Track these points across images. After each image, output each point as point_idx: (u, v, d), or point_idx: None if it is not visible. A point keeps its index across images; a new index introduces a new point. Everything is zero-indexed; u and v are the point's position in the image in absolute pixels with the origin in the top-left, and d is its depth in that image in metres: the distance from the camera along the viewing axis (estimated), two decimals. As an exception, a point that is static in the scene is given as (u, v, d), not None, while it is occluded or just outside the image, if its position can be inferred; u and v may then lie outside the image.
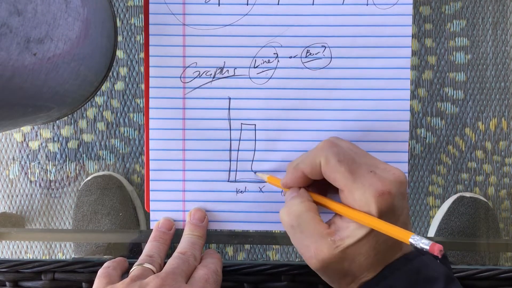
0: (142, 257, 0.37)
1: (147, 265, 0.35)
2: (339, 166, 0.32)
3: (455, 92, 0.68)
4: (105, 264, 0.36)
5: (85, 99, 0.43)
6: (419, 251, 0.32)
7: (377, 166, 0.33)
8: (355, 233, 0.32)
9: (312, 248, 0.32)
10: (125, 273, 0.36)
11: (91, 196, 0.65)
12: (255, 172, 0.41)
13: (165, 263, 0.36)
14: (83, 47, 0.35)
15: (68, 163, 0.68)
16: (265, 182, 0.41)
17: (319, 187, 0.36)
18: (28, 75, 0.29)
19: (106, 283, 0.34)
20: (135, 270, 0.35)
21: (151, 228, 0.41)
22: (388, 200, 0.31)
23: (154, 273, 0.35)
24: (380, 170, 0.32)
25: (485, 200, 0.67)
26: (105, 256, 0.60)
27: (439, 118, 0.68)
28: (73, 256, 0.70)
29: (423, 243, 0.28)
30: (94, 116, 0.68)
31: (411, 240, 0.29)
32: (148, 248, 0.38)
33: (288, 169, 0.37)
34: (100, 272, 0.35)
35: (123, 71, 0.67)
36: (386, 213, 0.31)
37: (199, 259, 0.37)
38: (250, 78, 0.41)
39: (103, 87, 0.62)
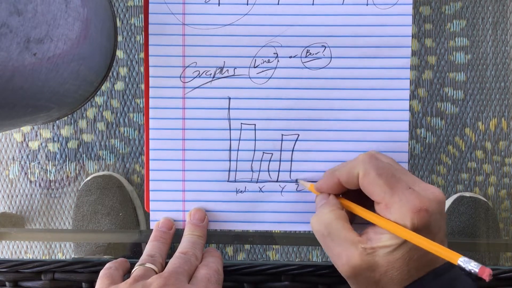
0: (143, 257, 0.37)
1: (149, 265, 0.35)
2: (378, 179, 0.33)
3: (455, 92, 0.68)
4: (107, 265, 0.36)
5: (85, 99, 0.43)
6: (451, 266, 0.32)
7: (417, 183, 0.33)
8: (388, 243, 0.32)
9: (344, 256, 0.33)
10: (127, 274, 0.36)
11: (91, 196, 0.65)
12: (296, 180, 0.41)
13: (166, 263, 0.36)
14: (83, 47, 0.35)
15: (68, 163, 0.68)
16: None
17: (352, 197, 0.36)
18: (28, 75, 0.29)
19: (108, 283, 0.34)
20: (137, 270, 0.35)
21: (151, 228, 0.41)
22: (425, 218, 0.31)
23: (156, 273, 0.35)
24: (419, 188, 0.33)
25: (485, 200, 0.66)
26: (105, 256, 0.60)
27: (439, 118, 0.68)
28: (73, 256, 0.70)
29: (472, 266, 0.28)
30: (94, 116, 0.68)
31: (459, 263, 0.28)
32: (149, 248, 0.38)
33: (325, 174, 0.38)
34: (102, 273, 0.35)
35: (123, 71, 0.67)
36: (421, 230, 0.31)
37: (201, 258, 0.37)
38: (250, 78, 0.41)
39: (103, 87, 0.62)
